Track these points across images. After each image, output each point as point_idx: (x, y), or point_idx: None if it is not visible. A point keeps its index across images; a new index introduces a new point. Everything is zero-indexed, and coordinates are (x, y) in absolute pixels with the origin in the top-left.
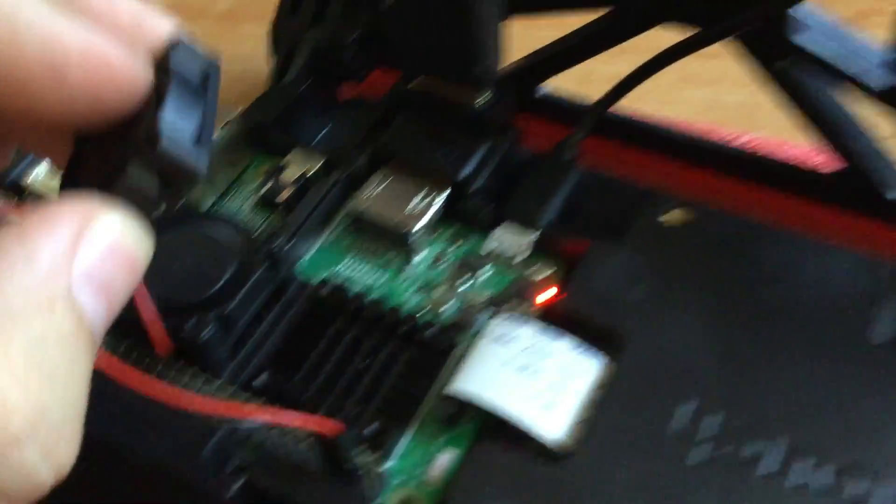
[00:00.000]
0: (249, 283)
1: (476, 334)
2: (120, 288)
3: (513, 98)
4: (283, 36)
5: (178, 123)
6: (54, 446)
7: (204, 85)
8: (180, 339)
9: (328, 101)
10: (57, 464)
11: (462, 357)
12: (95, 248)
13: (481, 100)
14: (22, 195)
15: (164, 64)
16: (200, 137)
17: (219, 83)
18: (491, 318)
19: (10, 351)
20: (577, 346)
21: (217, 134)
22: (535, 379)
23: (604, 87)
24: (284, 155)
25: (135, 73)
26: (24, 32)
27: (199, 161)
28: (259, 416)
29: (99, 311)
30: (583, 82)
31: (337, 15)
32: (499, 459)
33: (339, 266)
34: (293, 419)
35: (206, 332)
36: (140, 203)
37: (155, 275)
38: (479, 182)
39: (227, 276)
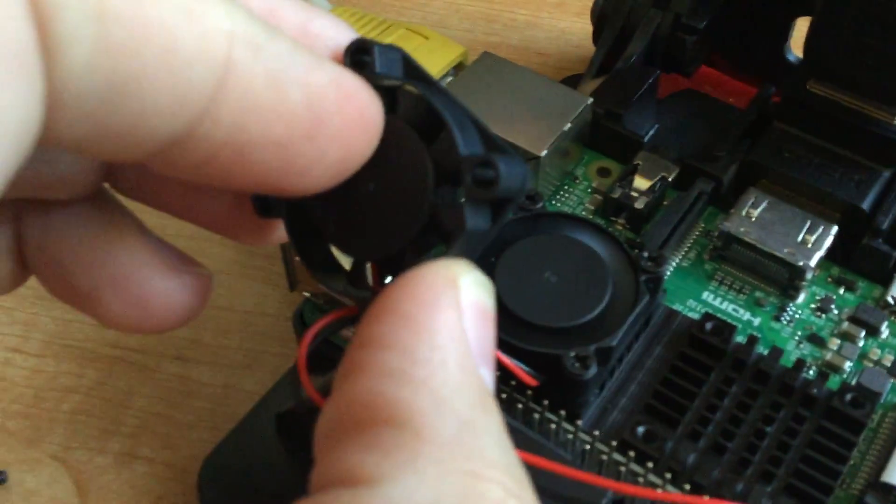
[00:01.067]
0: (635, 313)
1: (889, 406)
2: (493, 350)
3: None
4: (615, 13)
5: (469, 141)
6: None
7: (427, 81)
8: (558, 373)
9: (652, 93)
10: None
11: (886, 434)
12: (472, 323)
13: None
14: None
15: (373, 76)
16: (496, 144)
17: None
18: None
19: (491, 459)
20: None
21: (565, 125)
22: None
23: None
24: (617, 153)
25: (376, 104)
26: (288, 88)
27: (526, 177)
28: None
29: (492, 383)
30: None
31: None
32: None
33: (704, 295)
34: None
35: (591, 370)
36: (476, 244)
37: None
38: (886, 217)
39: (606, 299)
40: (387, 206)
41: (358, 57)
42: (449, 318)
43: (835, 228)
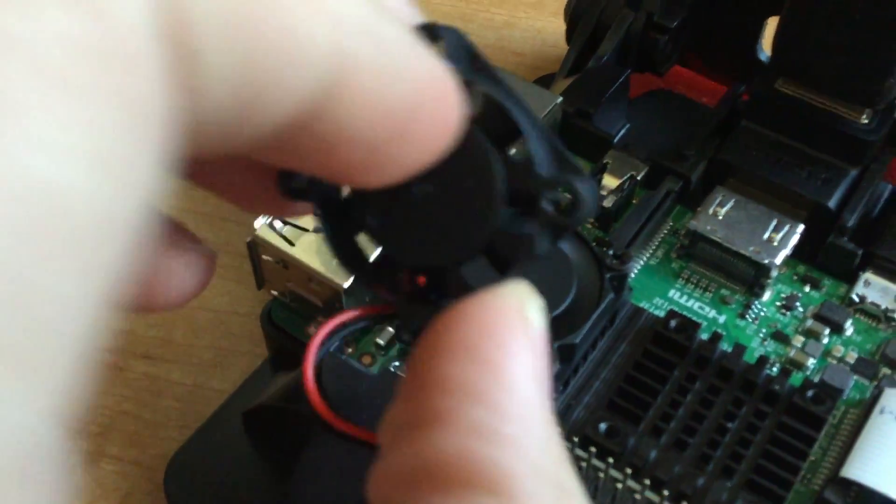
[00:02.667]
0: (599, 310)
1: (851, 402)
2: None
3: (892, 120)
4: (587, 13)
5: (545, 158)
6: None
7: (495, 77)
8: None
9: (623, 92)
10: None
11: (847, 431)
12: (541, 362)
13: (866, 118)
14: None
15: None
16: (569, 162)
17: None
18: (884, 389)
19: None
20: None
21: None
22: None
23: None
24: (587, 152)
25: (461, 102)
26: (395, 81)
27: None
28: None
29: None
30: None
31: None
32: None
33: (670, 293)
34: None
35: (553, 368)
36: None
37: None
38: (851, 215)
39: (570, 297)
40: (444, 215)
41: (426, 42)
42: (527, 363)
43: (801, 227)
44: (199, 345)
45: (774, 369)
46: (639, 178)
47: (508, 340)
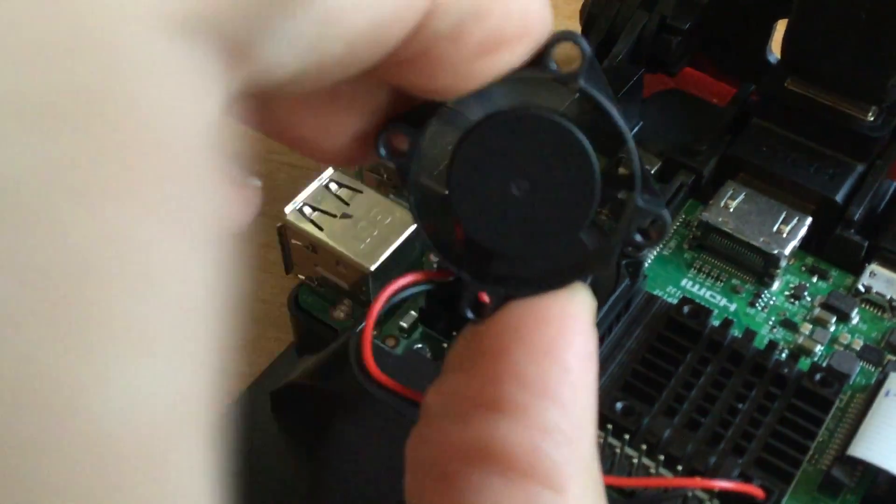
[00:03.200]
0: (615, 295)
1: (858, 387)
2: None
3: None
4: (602, 14)
5: (641, 177)
6: None
7: (609, 96)
8: None
9: (637, 92)
10: None
11: (854, 414)
12: (596, 365)
13: (872, 116)
14: None
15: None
16: (652, 187)
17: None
18: (889, 373)
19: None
20: None
21: None
22: None
23: None
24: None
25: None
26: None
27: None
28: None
29: None
30: None
31: None
32: None
33: (683, 282)
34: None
35: None
36: None
37: None
38: (858, 209)
39: (588, 282)
40: (536, 212)
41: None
42: (591, 370)
43: (809, 219)
44: None
45: (783, 355)
46: (652, 172)
47: (582, 350)
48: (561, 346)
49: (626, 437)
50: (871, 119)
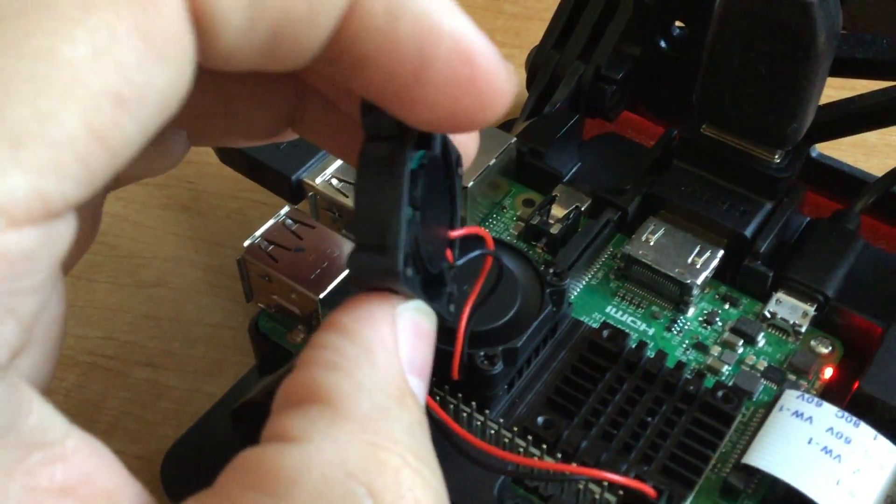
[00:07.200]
0: (539, 320)
1: (760, 404)
2: (428, 363)
3: (802, 160)
4: (545, 64)
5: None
6: None
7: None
8: (470, 370)
9: (575, 135)
10: None
11: (755, 427)
12: (407, 339)
13: (778, 158)
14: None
15: None
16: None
17: None
18: (784, 390)
19: (396, 437)
20: (876, 435)
21: (490, 160)
22: (840, 464)
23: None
24: (540, 187)
25: (502, 85)
26: (400, 21)
27: None
28: (583, 473)
29: (421, 390)
30: (858, 146)
31: (608, 52)
32: None
33: (608, 308)
34: (623, 481)
35: (497, 367)
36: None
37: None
38: (764, 242)
39: (515, 308)
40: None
41: None
42: (381, 330)
43: (721, 252)
44: (195, 354)
45: (692, 373)
46: (583, 209)
47: (365, 316)
48: (341, 316)
49: (544, 446)
50: (778, 161)
